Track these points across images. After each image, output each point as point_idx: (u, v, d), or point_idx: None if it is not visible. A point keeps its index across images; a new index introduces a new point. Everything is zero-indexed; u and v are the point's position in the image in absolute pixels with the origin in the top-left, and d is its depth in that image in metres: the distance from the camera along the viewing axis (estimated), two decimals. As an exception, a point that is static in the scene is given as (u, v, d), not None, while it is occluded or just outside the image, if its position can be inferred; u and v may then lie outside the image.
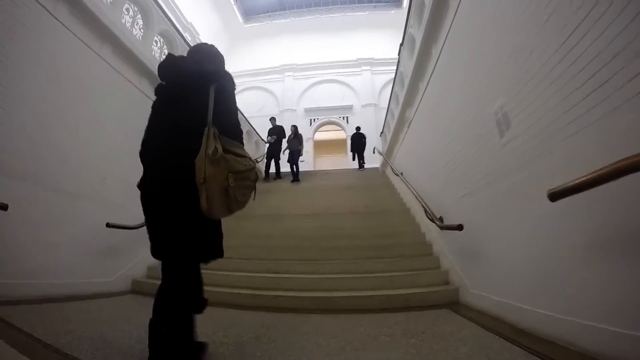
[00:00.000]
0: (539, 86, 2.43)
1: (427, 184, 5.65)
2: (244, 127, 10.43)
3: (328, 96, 17.15)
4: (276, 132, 11.14)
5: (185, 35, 14.25)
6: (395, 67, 8.41)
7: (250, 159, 1.86)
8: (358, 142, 13.40)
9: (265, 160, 11.36)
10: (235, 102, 2.04)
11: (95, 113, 4.69)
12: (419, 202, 5.23)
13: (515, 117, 2.77)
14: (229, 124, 1.89)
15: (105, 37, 4.90)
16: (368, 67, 17.25)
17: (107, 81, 5.03)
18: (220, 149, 1.65)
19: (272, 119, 11.81)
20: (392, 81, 8.88)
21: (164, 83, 2.00)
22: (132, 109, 5.22)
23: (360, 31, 17.81)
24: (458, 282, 4.14)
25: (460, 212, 4.03)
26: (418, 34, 5.71)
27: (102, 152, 4.72)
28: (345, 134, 16.60)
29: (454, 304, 3.95)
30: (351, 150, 13.85)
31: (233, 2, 17.27)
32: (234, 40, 18.49)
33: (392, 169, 8.14)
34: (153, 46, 6.39)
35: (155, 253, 1.83)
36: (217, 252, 1.92)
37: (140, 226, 4.88)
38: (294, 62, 17.77)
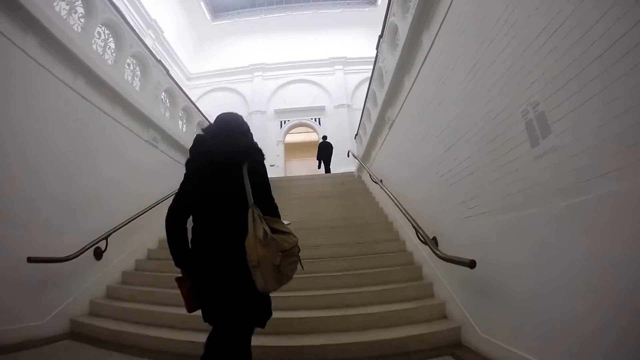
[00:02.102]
0: (604, 77, 1.67)
1: (414, 195, 4.90)
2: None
3: (299, 97, 16.22)
4: None
5: (149, 32, 13.33)
6: (370, 66, 7.69)
7: (293, 234, 1.92)
8: (325, 151, 13.06)
9: None
10: (268, 176, 2.12)
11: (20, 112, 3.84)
12: (406, 217, 4.45)
13: (558, 121, 2.04)
14: (268, 201, 2.05)
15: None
16: (341, 67, 16.44)
17: (32, 77, 4.08)
18: (269, 232, 1.76)
19: None
20: (369, 80, 8.13)
21: (196, 159, 2.03)
22: (66, 109, 4.49)
23: (332, 30, 17.02)
24: (459, 319, 3.43)
25: (465, 237, 3.28)
26: (403, 23, 4.96)
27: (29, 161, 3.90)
28: (317, 136, 15.76)
29: (456, 346, 3.25)
30: (317, 158, 13.26)
31: None
32: (201, 38, 17.34)
33: (370, 175, 7.33)
34: (96, 38, 5.43)
35: (212, 320, 1.88)
36: (269, 314, 2.03)
37: (75, 256, 4.10)
38: (263, 61, 16.74)
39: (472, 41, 3.03)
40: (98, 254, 4.71)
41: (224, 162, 1.94)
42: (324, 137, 13.64)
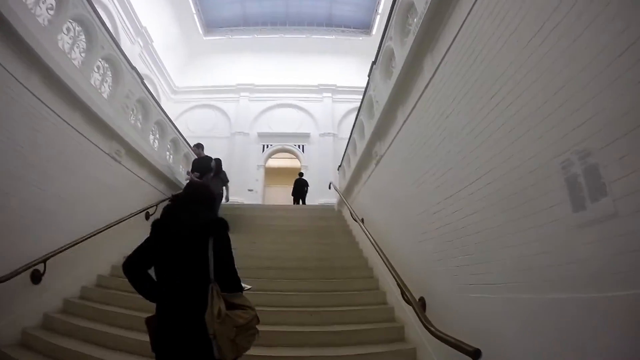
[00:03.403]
0: None
1: (400, 244, 4.33)
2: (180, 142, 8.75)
3: (284, 122, 15.71)
4: (201, 166, 7.57)
5: (138, 40, 12.71)
6: (360, 96, 7.24)
7: (251, 307, 2.06)
8: (300, 189, 12.97)
9: None
10: (231, 249, 2.17)
11: None
12: (389, 270, 3.84)
13: (618, 180, 1.49)
14: (229, 275, 2.11)
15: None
16: (329, 94, 16.10)
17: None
18: (223, 309, 1.89)
19: (198, 147, 8.15)
20: (357, 109, 7.65)
21: (164, 225, 2.16)
22: (10, 108, 3.92)
23: (324, 56, 16.71)
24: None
25: (463, 308, 2.70)
26: (402, 47, 4.51)
27: None
28: (299, 164, 15.20)
29: None
30: (292, 194, 13.09)
31: (195, 11, 15.60)
32: (190, 52, 16.79)
33: (351, 213, 6.71)
34: (63, 34, 4.88)
35: None
36: None
37: (7, 279, 3.58)
38: (252, 82, 16.26)
39: (490, 67, 2.51)
40: (36, 277, 4.07)
41: (191, 233, 2.07)
42: (300, 174, 13.54)
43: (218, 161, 7.69)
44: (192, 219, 2.15)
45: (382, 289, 4.96)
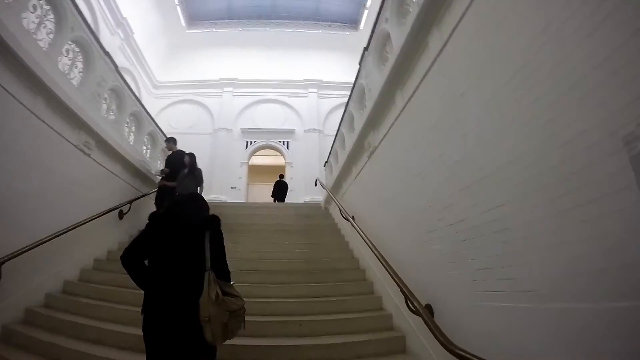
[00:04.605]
0: None
1: (398, 244, 3.88)
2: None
3: (269, 118, 15.08)
4: (172, 162, 6.80)
5: (118, 31, 11.84)
6: (347, 92, 6.86)
7: (240, 297, 2.22)
8: (280, 190, 12.65)
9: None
10: (224, 244, 2.39)
11: None
12: (390, 275, 3.37)
13: None
14: (222, 266, 2.31)
15: None
16: (315, 90, 15.55)
17: None
18: (220, 294, 2.06)
19: (170, 142, 7.30)
20: (344, 105, 7.24)
21: (165, 218, 2.34)
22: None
23: (310, 51, 16.21)
24: None
25: (485, 319, 2.26)
26: (399, 28, 4.05)
27: None
28: (284, 161, 14.64)
29: None
30: (272, 196, 12.69)
31: (177, 3, 14.84)
32: (173, 45, 15.99)
33: (340, 210, 6.21)
34: (29, 12, 4.34)
35: None
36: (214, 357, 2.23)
37: None
38: (235, 76, 15.58)
39: (526, 24, 2.05)
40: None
41: (190, 227, 2.26)
42: (281, 176, 13.17)
43: (192, 156, 6.52)
44: (193, 215, 2.37)
45: (378, 294, 4.50)
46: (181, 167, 6.47)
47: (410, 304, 2.89)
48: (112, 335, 3.44)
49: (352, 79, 6.44)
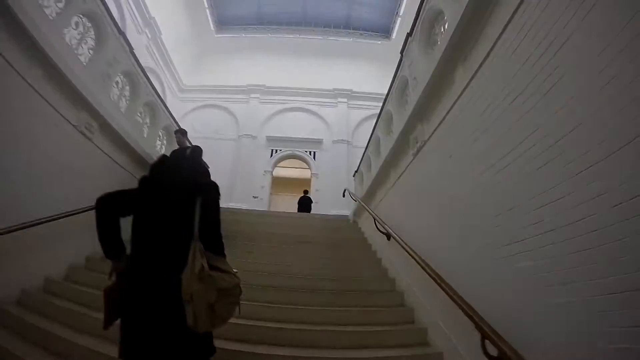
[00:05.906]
0: None
1: (453, 259, 2.96)
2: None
3: (296, 126, 14.47)
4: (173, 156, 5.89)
5: (146, 30, 11.47)
6: (378, 103, 6.55)
7: (234, 274, 1.86)
8: (306, 205, 12.21)
9: None
10: (219, 214, 2.05)
11: None
12: (456, 302, 2.45)
13: None
14: (214, 238, 1.96)
15: None
16: (345, 100, 14.87)
17: None
18: (206, 267, 1.71)
19: (180, 133, 6.47)
20: (376, 116, 6.75)
21: (152, 179, 2.00)
22: None
23: (340, 60, 15.62)
24: None
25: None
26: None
27: None
28: (310, 173, 13.87)
29: None
30: (298, 211, 12.01)
31: (207, 6, 14.70)
32: (200, 49, 15.77)
33: (375, 220, 5.25)
34: None
35: (131, 356, 1.73)
36: (209, 350, 1.90)
37: None
38: (263, 83, 15.16)
39: None
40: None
41: (179, 190, 1.93)
42: (305, 192, 12.75)
43: (196, 150, 4.87)
44: (185, 177, 2.04)
45: (421, 324, 3.55)
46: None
47: (487, 346, 1.97)
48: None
49: (383, 90, 6.06)
